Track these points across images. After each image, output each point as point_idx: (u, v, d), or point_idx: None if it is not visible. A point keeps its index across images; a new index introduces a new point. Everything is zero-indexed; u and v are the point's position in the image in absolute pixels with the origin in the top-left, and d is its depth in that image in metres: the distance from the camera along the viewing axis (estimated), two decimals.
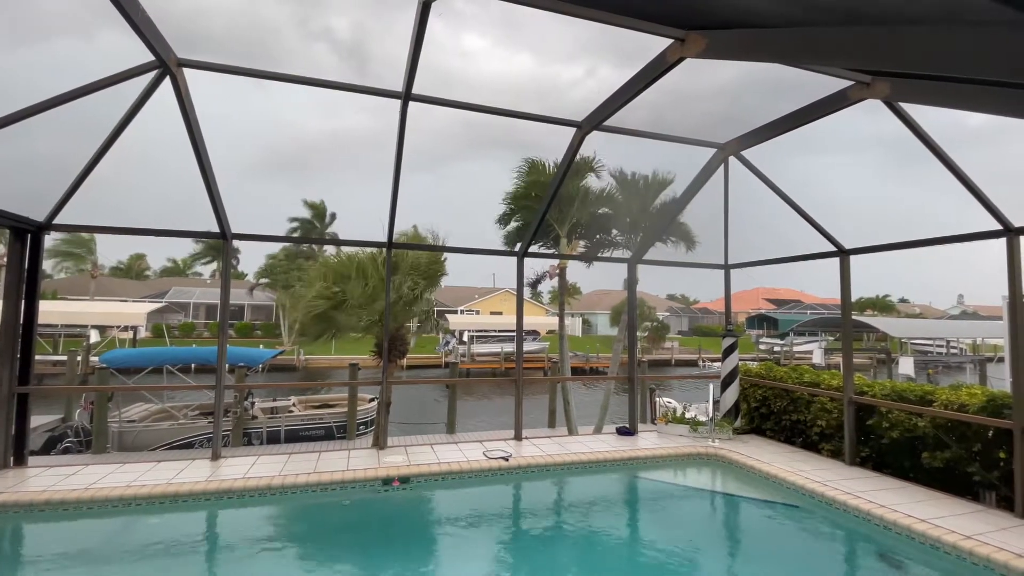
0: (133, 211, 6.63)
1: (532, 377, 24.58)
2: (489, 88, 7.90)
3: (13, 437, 5.64)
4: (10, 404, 5.59)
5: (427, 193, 6.43)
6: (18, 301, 5.71)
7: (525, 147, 11.67)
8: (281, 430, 12.10)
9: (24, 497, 4.71)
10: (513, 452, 6.44)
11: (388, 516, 5.34)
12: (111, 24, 4.43)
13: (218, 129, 5.36)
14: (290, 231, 38.07)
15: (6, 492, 4.79)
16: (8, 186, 5.45)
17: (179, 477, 5.28)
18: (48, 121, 4.70)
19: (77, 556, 4.40)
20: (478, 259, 7.60)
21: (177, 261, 57.54)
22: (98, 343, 24.61)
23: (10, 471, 5.46)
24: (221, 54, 4.79)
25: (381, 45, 9.45)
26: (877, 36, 3.04)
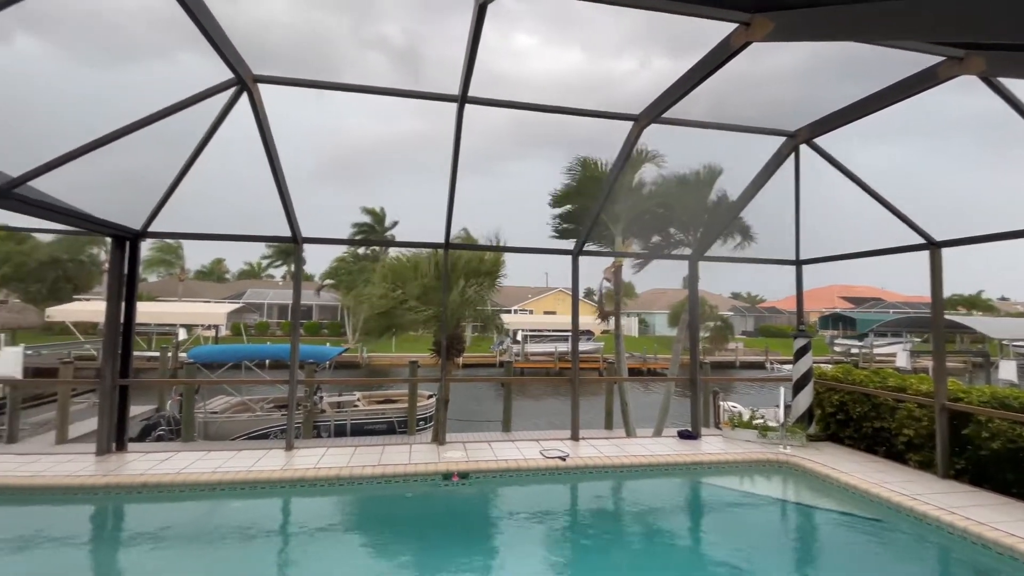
0: (212, 218, 7.15)
1: (589, 377, 24.33)
2: (540, 86, 7.89)
3: (116, 425, 6.28)
4: (113, 395, 6.22)
5: (479, 194, 6.55)
6: (119, 302, 6.35)
7: (576, 144, 11.56)
8: (347, 423, 12.69)
9: (125, 480, 5.24)
10: (570, 452, 6.39)
11: (448, 510, 5.45)
12: (190, 46, 4.83)
13: (280, 139, 5.70)
14: (352, 235, 39.85)
15: (110, 475, 5.33)
16: (109, 198, 6.05)
17: (258, 465, 5.67)
18: (141, 137, 5.18)
19: (171, 535, 4.83)
20: (531, 259, 7.64)
21: (252, 264, 61.79)
22: (185, 340, 26.88)
23: (113, 456, 6.07)
24: (282, 67, 5.08)
25: (433, 49, 9.68)
26: (974, 2, 2.74)
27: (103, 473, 5.33)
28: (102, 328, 19.09)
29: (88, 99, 5.75)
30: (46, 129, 5.22)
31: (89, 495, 5.10)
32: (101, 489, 5.11)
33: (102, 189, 5.89)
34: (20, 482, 5.06)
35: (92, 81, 6.08)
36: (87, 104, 5.64)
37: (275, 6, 6.85)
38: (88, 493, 5.09)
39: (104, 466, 5.59)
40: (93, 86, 6.08)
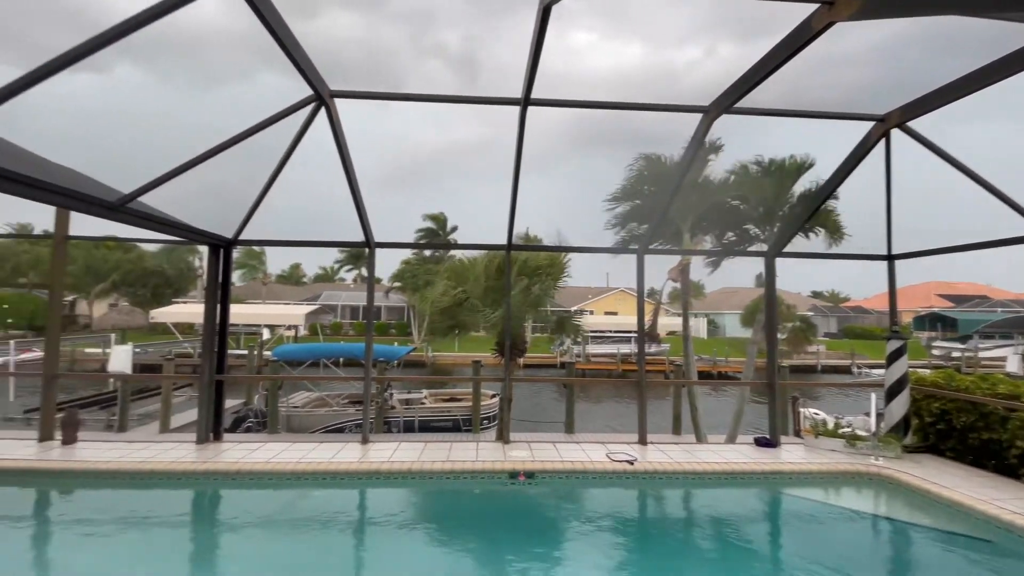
0: (292, 226, 7.67)
1: (655, 380, 23.60)
2: (598, 83, 7.76)
3: (212, 417, 6.88)
4: (210, 389, 6.83)
5: (538, 194, 6.55)
6: (215, 305, 6.96)
7: (636, 140, 11.26)
8: (415, 420, 13.16)
9: (222, 467, 5.73)
10: (638, 456, 6.24)
11: (514, 508, 5.50)
12: (269, 67, 5.21)
13: (350, 150, 6.00)
14: (417, 239, 41.26)
15: (209, 462, 5.86)
16: (205, 210, 6.65)
17: (337, 457, 6.01)
18: (229, 152, 5.62)
19: (263, 520, 5.24)
20: (591, 258, 7.53)
21: (326, 268, 65.61)
22: (269, 340, 29.00)
23: (210, 444, 6.66)
24: (350, 81, 5.33)
25: (490, 53, 9.79)
26: None
27: (203, 460, 5.87)
28: (198, 328, 20.94)
29: (182, 120, 6.33)
30: (147, 149, 5.82)
31: (191, 480, 5.63)
32: (201, 475, 5.63)
33: (197, 201, 6.47)
34: (133, 467, 5.68)
35: (184, 104, 6.69)
36: (181, 125, 6.22)
37: (341, 22, 7.21)
38: (190, 478, 5.63)
39: (203, 454, 6.15)
40: (185, 108, 6.71)
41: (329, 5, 4.75)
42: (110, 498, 5.44)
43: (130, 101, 6.11)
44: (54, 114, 3.94)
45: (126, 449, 6.29)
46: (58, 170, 4.75)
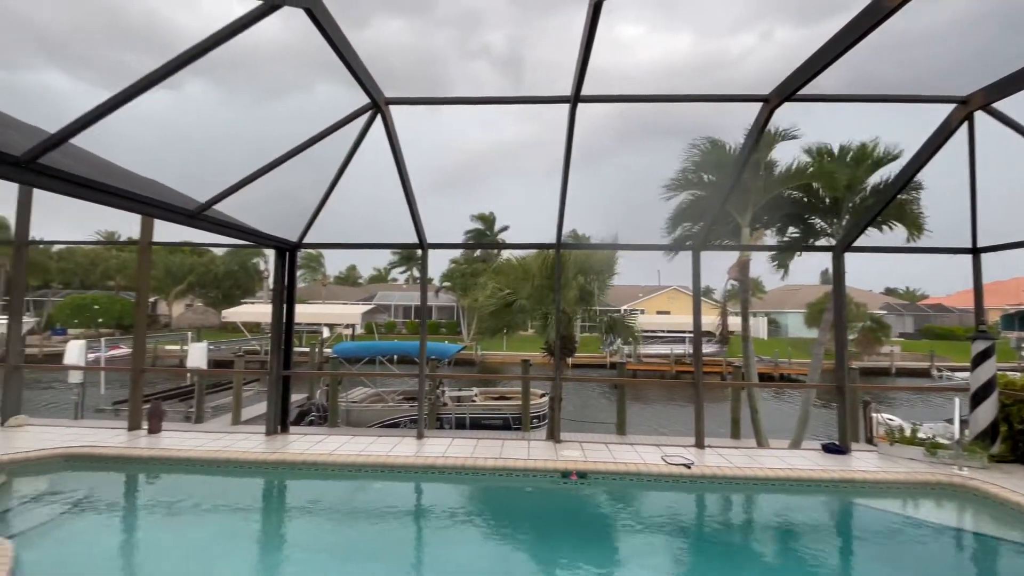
0: (349, 229, 7.98)
1: (713, 382, 22.77)
2: (647, 77, 7.61)
3: (280, 410, 7.31)
4: (278, 384, 7.25)
5: (585, 191, 6.48)
6: (282, 305, 7.38)
7: (688, 133, 10.92)
8: (467, 417, 13.39)
9: (289, 457, 6.08)
10: (695, 460, 6.06)
11: (566, 508, 5.49)
12: (325, 77, 5.44)
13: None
14: (466, 240, 41.94)
15: (277, 452, 6.22)
16: (270, 216, 7.07)
17: (394, 451, 6.22)
18: (291, 161, 5.93)
19: (327, 507, 5.53)
20: (642, 256, 7.38)
21: (380, 270, 67.97)
22: (328, 338, 30.38)
23: (279, 436, 7.07)
24: (400, 87, 5.48)
25: (535, 52, 9.77)
26: None
27: (272, 451, 6.25)
28: (263, 327, 22.27)
29: (246, 132, 6.74)
30: (216, 160, 6.23)
31: (262, 469, 6.01)
32: (271, 464, 6.00)
33: (263, 208, 6.88)
34: (210, 455, 6.12)
35: (248, 117, 7.11)
36: (246, 136, 6.62)
37: (390, 29, 7.41)
38: (261, 467, 6.01)
39: (272, 445, 6.54)
40: (249, 121, 7.13)
41: (378, 14, 4.93)
42: (190, 483, 5.90)
43: (200, 116, 6.54)
44: (136, 130, 4.31)
45: (203, 439, 6.79)
46: (143, 181, 5.20)
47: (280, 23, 3.86)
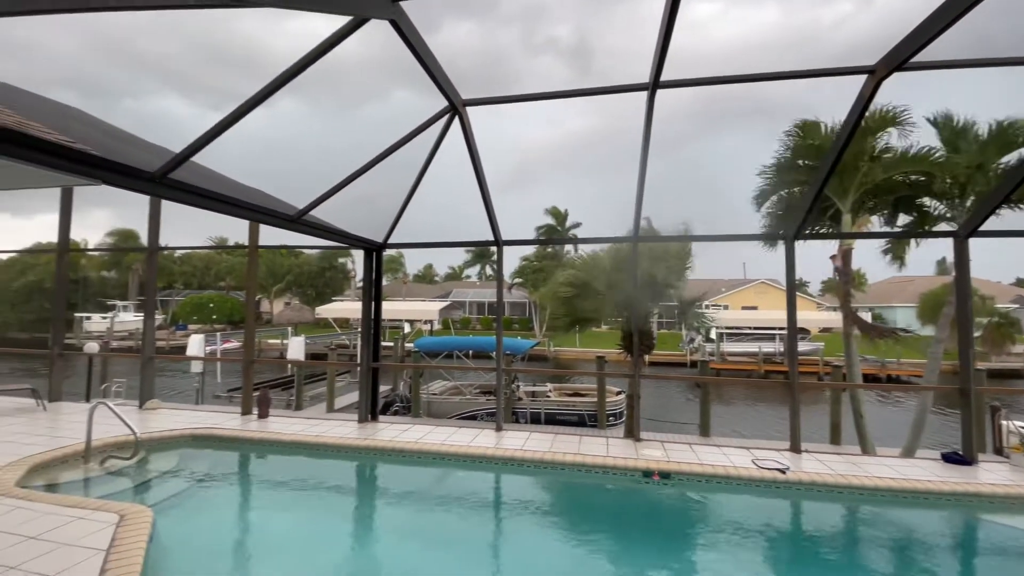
0: (427, 228, 8.28)
1: (810, 382, 21.14)
2: (727, 57, 7.13)
3: (370, 399, 7.78)
4: (369, 375, 7.73)
5: (661, 182, 6.21)
6: (370, 302, 7.85)
7: (777, 114, 10.13)
8: (541, 412, 13.47)
9: (380, 444, 6.47)
10: (790, 465, 5.65)
11: (648, 508, 5.35)
12: (399, 84, 5.65)
13: (462, 153, 6.31)
14: (537, 235, 42.08)
15: (369, 439, 6.64)
16: (358, 218, 7.50)
17: (474, 442, 6.42)
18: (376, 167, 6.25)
19: (414, 492, 5.83)
20: (725, 248, 6.93)
21: (454, 268, 70.08)
22: (409, 333, 31.91)
23: (369, 424, 7.54)
24: (469, 87, 5.57)
25: (602, 41, 9.48)
26: None
27: (364, 437, 6.68)
28: (352, 322, 23.82)
29: (333, 141, 7.19)
30: (306, 169, 6.72)
31: (356, 453, 6.46)
32: (364, 449, 6.43)
33: (350, 211, 7.32)
34: (311, 440, 6.66)
35: (333, 127, 7.56)
36: (333, 146, 7.07)
37: (459, 32, 7.55)
38: (355, 451, 6.46)
39: (364, 432, 6.99)
40: (334, 131, 7.59)
41: (447, 17, 5.04)
42: (294, 463, 6.48)
43: (291, 129, 7.09)
44: (239, 144, 4.77)
45: (304, 424, 7.41)
46: (249, 191, 5.76)
47: (357, 36, 4.09)
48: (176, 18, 2.71)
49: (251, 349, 8.59)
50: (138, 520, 3.92)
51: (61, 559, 3.34)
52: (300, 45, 3.94)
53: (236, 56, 7.22)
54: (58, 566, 3.25)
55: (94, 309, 41.80)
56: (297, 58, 3.85)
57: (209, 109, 4.04)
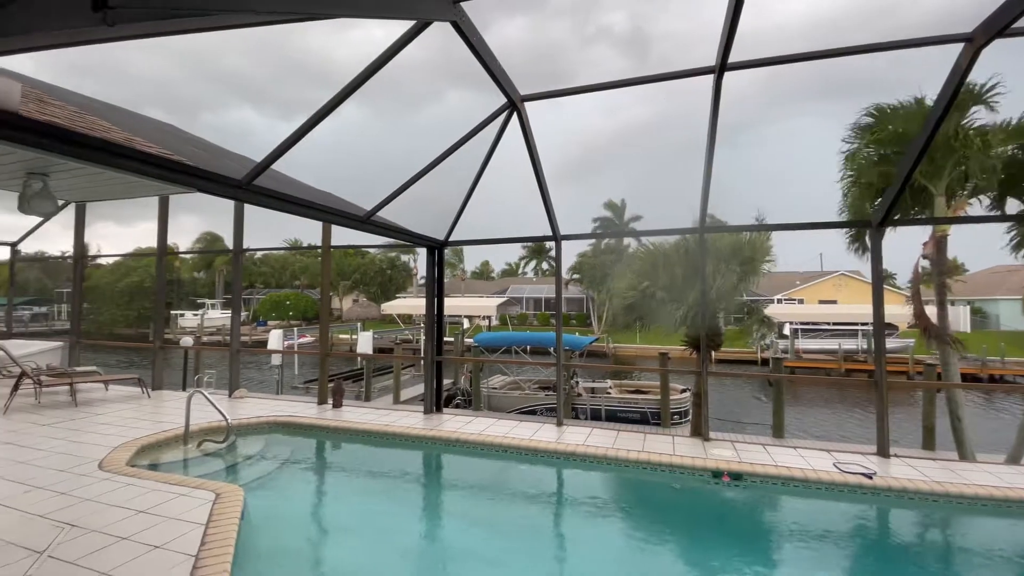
0: (485, 225, 8.39)
1: (900, 382, 19.52)
2: (794, 35, 6.67)
3: (435, 392, 8.04)
4: (433, 368, 7.98)
5: (724, 168, 5.91)
6: (433, 298, 8.09)
7: (856, 90, 9.29)
8: (602, 409, 13.31)
9: (444, 435, 6.67)
10: (877, 470, 5.24)
11: (718, 510, 5.16)
12: (454, 85, 5.72)
13: (519, 149, 6.30)
14: (593, 230, 41.49)
15: (435, 430, 6.86)
16: (420, 217, 7.73)
17: (536, 436, 6.47)
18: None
19: (477, 482, 5.96)
20: (797, 239, 6.44)
21: (511, 264, 70.65)
22: (468, 328, 32.54)
23: (434, 415, 7.79)
24: (524, 83, 5.53)
25: (659, 26, 9.12)
26: None
27: (430, 428, 6.92)
28: (414, 318, 24.62)
29: (393, 145, 7.45)
30: (371, 171, 7.00)
31: (423, 443, 6.71)
32: (430, 439, 6.66)
33: (411, 210, 7.55)
34: (381, 429, 6.99)
35: (393, 131, 7.81)
36: (394, 148, 7.32)
37: (511, 28, 7.55)
38: (422, 441, 6.71)
39: (430, 423, 7.24)
40: (395, 134, 7.83)
41: (499, 15, 5.06)
42: (367, 450, 6.84)
43: (355, 134, 7.40)
44: (309, 151, 5.07)
45: (374, 415, 7.78)
46: (321, 194, 6.10)
47: (414, 40, 4.19)
48: (249, 35, 2.92)
49: (326, 343, 9.12)
50: (231, 498, 4.29)
51: (167, 531, 3.73)
52: (361, 53, 4.12)
53: (302, 68, 7.62)
54: (165, 537, 3.63)
55: (186, 307, 46.06)
56: (358, 65, 4.03)
57: (278, 119, 4.35)
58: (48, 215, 3.92)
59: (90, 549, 3.45)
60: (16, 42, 2.34)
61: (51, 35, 2.40)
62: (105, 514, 4.01)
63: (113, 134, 3.45)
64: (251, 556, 3.79)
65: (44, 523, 3.84)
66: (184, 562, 3.28)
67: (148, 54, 4.42)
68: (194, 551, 3.41)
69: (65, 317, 44.96)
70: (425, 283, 8.22)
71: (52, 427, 6.60)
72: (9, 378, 8.18)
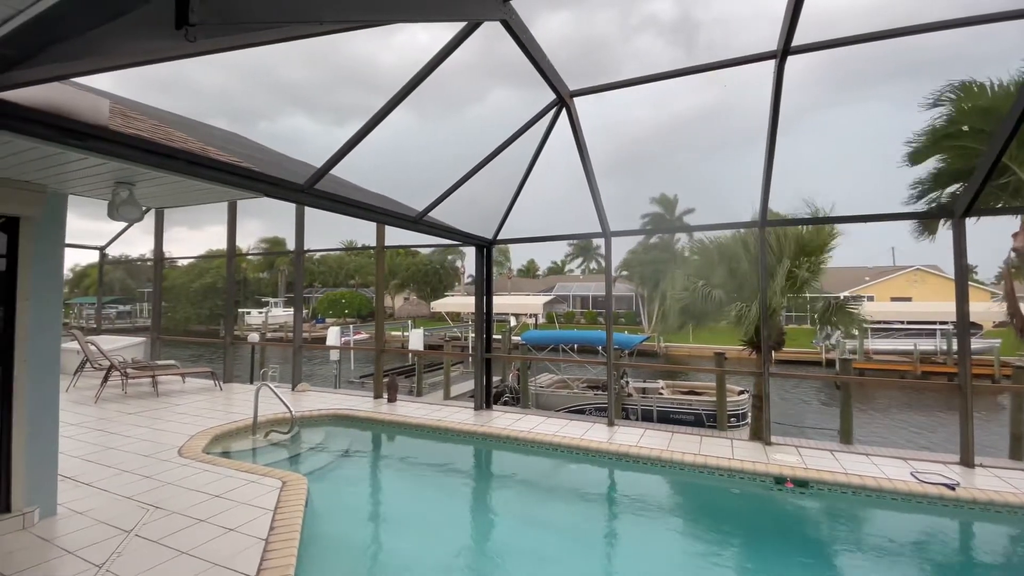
0: (531, 223, 8.32)
1: (987, 385, 17.97)
2: (859, 14, 6.22)
3: (485, 388, 8.12)
4: (483, 365, 8.07)
5: (785, 156, 5.57)
6: (482, 296, 8.17)
7: (929, 70, 8.55)
8: (654, 410, 12.99)
9: (495, 431, 6.73)
10: (960, 480, 4.82)
11: (781, 518, 4.91)
12: (497, 84, 5.69)
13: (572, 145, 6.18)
14: (643, 225, 40.48)
15: (486, 426, 6.94)
16: (469, 216, 7.79)
17: (586, 435, 6.40)
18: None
19: (527, 478, 5.99)
20: (867, 231, 5.99)
21: (556, 262, 70.26)
22: (515, 326, 32.69)
23: (484, 411, 7.87)
24: (571, 79, 5.44)
25: (707, 11, 8.70)
26: None
27: (481, 424, 7.01)
28: (463, 316, 24.97)
29: (440, 146, 7.50)
30: (420, 172, 7.10)
31: (474, 438, 6.80)
32: (481, 435, 6.75)
33: (460, 209, 7.60)
34: (433, 423, 7.14)
35: (439, 132, 7.83)
36: (440, 150, 7.37)
37: (553, 23, 7.46)
38: (473, 436, 6.80)
39: (480, 419, 7.33)
40: (441, 136, 7.86)
41: (541, 10, 5.00)
42: (420, 443, 7.04)
43: (403, 137, 7.57)
44: (362, 155, 5.23)
45: (426, 409, 7.97)
46: (376, 196, 6.28)
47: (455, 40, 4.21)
48: (302, 45, 3.04)
49: (381, 339, 9.43)
50: (297, 486, 4.52)
51: (240, 515, 3.97)
52: (406, 57, 4.20)
53: (351, 74, 7.82)
54: (238, 520, 3.87)
55: (252, 305, 48.94)
56: (402, 69, 4.12)
57: (330, 124, 4.51)
58: (134, 221, 4.26)
59: (172, 530, 3.74)
60: (103, 60, 2.56)
61: (133, 53, 2.61)
62: (184, 497, 4.33)
63: (190, 145, 3.70)
64: (315, 542, 3.98)
65: (131, 504, 4.19)
66: (255, 545, 3.48)
67: (211, 68, 4.71)
68: (264, 535, 3.62)
69: (146, 315, 48.97)
70: (475, 281, 8.31)
71: (137, 415, 7.20)
72: (99, 370, 8.99)
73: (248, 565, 3.22)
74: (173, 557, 3.35)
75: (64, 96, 2.81)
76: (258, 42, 2.68)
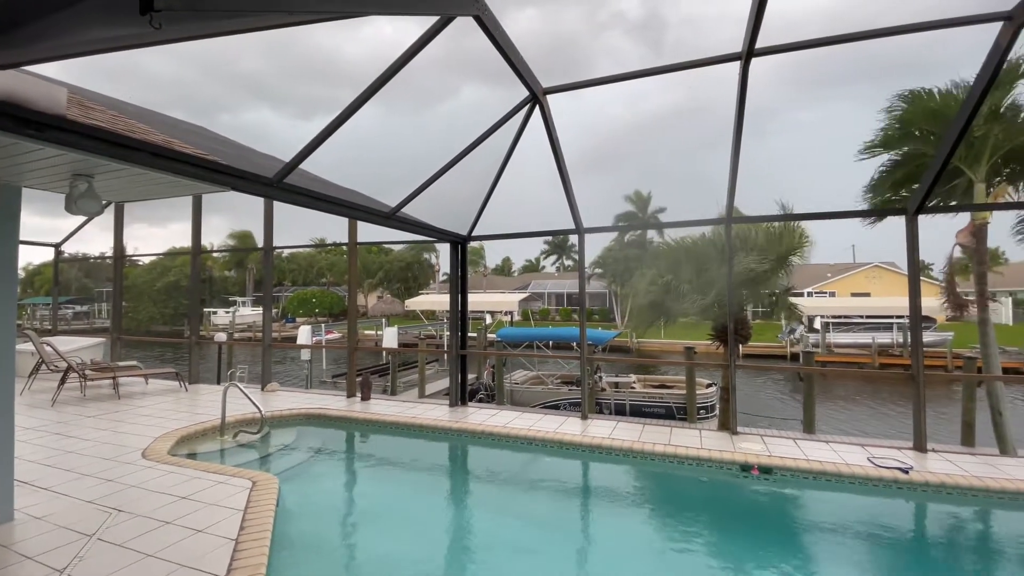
0: (505, 220, 8.35)
1: (940, 374, 18.95)
2: (823, 17, 6.50)
3: (460, 385, 8.12)
4: (458, 362, 8.07)
5: (749, 157, 5.78)
6: (457, 293, 8.16)
7: (890, 72, 8.96)
8: (626, 403, 13.24)
9: (470, 427, 6.75)
10: (914, 464, 5.10)
11: (748, 504, 5.10)
12: (468, 81, 5.67)
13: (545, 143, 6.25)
14: (616, 223, 41.04)
15: (461, 422, 6.95)
16: (443, 212, 7.77)
17: (560, 429, 6.49)
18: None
19: (502, 472, 6.03)
20: (830, 229, 6.26)
21: (531, 260, 70.56)
22: (490, 324, 32.70)
23: (459, 408, 7.88)
24: (538, 75, 5.49)
25: (676, 9, 8.90)
26: None
27: (456, 420, 7.01)
28: (437, 314, 24.86)
29: (409, 142, 7.44)
30: (391, 168, 7.05)
31: (449, 435, 6.80)
32: (456, 431, 6.75)
33: (433, 206, 7.59)
34: (409, 421, 7.11)
35: (408, 128, 7.77)
36: (410, 145, 7.32)
37: (522, 21, 7.51)
38: (448, 433, 6.80)
39: (455, 415, 7.33)
40: (410, 132, 7.80)
41: (508, 7, 5.04)
42: (395, 441, 7.00)
43: (372, 132, 7.48)
44: (332, 149, 5.17)
45: (401, 407, 7.92)
46: (347, 191, 6.20)
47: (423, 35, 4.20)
48: (261, 36, 2.96)
49: (354, 337, 9.31)
50: (267, 486, 4.44)
51: (208, 516, 3.89)
52: (370, 49, 4.15)
53: (314, 66, 7.67)
54: (207, 521, 3.79)
55: (218, 304, 47.50)
56: (367, 61, 4.07)
57: (297, 119, 4.43)
58: (93, 215, 4.10)
59: (137, 532, 3.63)
60: (62, 48, 2.47)
61: (94, 40, 2.52)
62: (149, 500, 4.20)
63: (152, 136, 3.59)
64: (287, 541, 3.93)
65: (93, 508, 4.05)
66: (225, 545, 3.42)
67: (165, 56, 4.56)
68: (234, 535, 3.55)
69: (105, 315, 46.91)
70: (450, 278, 8.30)
71: (97, 418, 6.93)
72: (56, 372, 8.60)
73: (218, 565, 3.16)
74: (139, 559, 3.25)
75: (19, 84, 2.68)
76: (225, 31, 2.63)
